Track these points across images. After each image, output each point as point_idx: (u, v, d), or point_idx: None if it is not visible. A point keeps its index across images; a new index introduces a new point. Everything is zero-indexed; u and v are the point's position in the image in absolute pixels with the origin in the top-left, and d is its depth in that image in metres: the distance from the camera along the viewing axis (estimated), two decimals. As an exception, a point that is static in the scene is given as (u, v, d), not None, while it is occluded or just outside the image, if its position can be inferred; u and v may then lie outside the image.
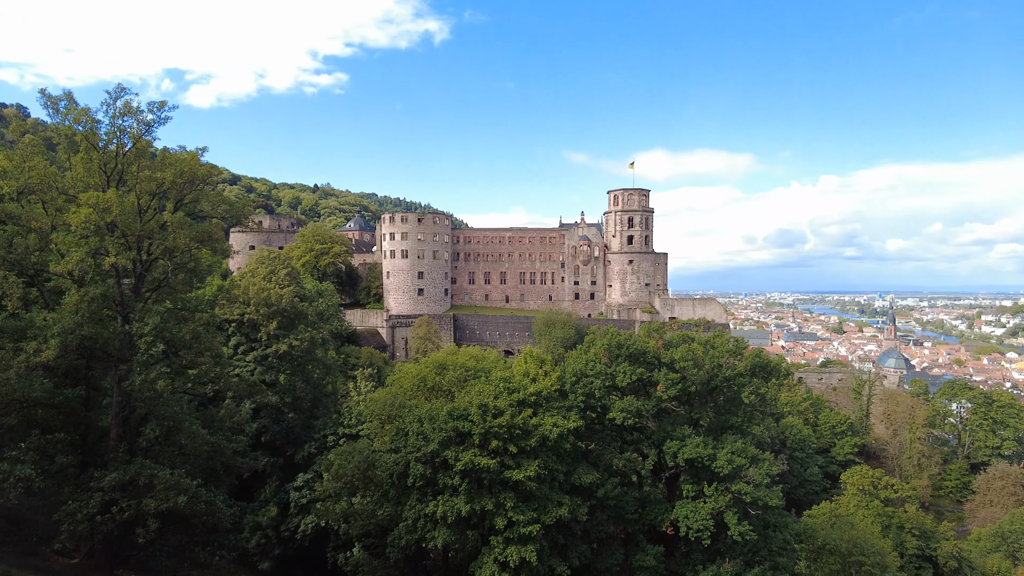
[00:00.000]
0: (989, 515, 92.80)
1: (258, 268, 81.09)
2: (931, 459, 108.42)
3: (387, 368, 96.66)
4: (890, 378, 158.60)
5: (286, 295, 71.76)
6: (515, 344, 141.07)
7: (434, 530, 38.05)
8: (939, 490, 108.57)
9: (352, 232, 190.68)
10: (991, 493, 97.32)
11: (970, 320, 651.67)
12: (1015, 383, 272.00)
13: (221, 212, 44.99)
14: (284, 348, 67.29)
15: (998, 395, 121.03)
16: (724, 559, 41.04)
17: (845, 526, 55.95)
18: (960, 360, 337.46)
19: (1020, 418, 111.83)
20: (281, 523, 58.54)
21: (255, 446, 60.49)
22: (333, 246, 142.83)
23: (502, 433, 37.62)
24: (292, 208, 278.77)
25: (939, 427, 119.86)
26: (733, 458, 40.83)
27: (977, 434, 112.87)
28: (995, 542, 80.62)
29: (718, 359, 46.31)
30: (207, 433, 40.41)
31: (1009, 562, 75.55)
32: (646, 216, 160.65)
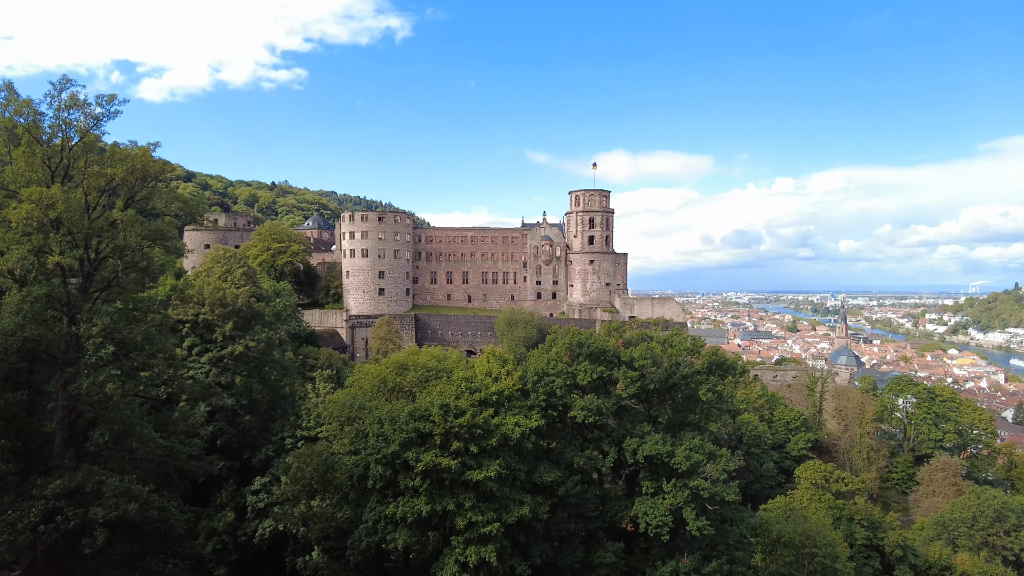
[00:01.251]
0: (932, 505, 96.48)
1: (213, 267, 79.10)
2: (879, 452, 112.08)
3: (347, 369, 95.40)
4: (842, 375, 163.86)
5: (242, 295, 70.20)
6: (477, 344, 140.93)
7: (395, 531, 37.76)
8: (886, 482, 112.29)
9: (311, 231, 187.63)
10: (933, 484, 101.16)
11: (915, 318, 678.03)
12: (956, 378, 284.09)
13: (175, 210, 43.71)
14: (240, 349, 65.81)
15: (940, 390, 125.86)
16: (683, 554, 41.76)
17: (799, 519, 57.38)
18: (906, 357, 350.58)
19: (960, 412, 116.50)
20: (238, 528, 57.25)
21: (211, 450, 59.13)
22: (291, 245, 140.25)
23: (463, 433, 37.54)
24: (249, 206, 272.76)
25: (887, 422, 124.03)
26: (691, 455, 41.55)
27: (921, 428, 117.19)
28: (937, 531, 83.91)
29: (676, 357, 47.06)
30: (160, 437, 39.29)
31: (949, 549, 78.72)
32: (606, 217, 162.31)
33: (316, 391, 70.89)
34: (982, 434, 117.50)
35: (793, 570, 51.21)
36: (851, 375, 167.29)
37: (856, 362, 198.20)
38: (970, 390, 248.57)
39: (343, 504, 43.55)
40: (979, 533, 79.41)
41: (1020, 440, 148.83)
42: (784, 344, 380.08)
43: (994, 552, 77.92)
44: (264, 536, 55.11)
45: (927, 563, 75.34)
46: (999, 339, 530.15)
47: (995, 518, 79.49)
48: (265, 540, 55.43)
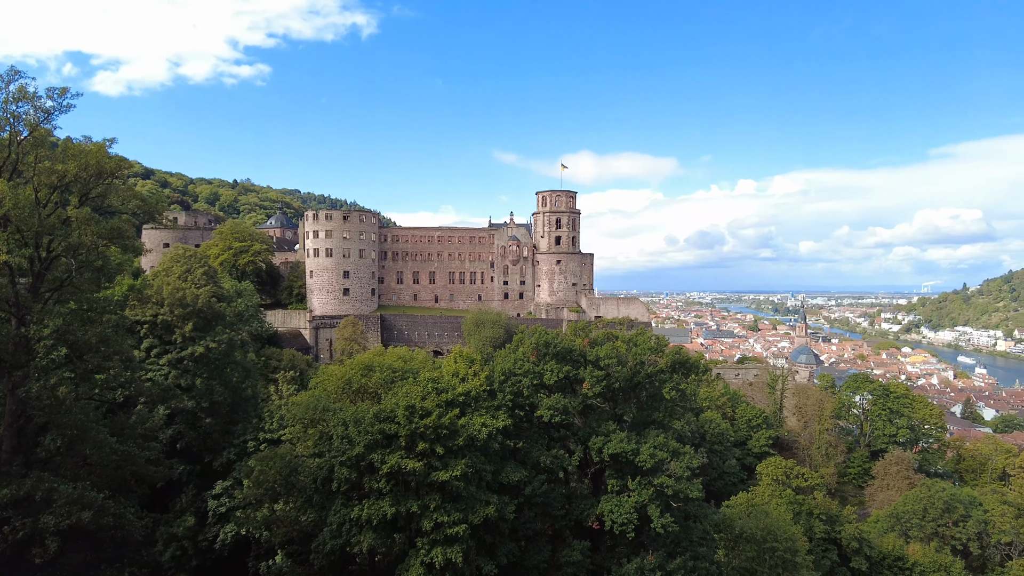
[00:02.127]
0: (886, 498, 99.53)
1: (173, 267, 77.21)
2: (837, 448, 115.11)
3: (311, 370, 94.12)
4: (801, 373, 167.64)
5: (203, 295, 68.70)
6: (444, 344, 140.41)
7: (360, 534, 37.40)
8: (844, 477, 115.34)
9: (274, 230, 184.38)
10: (888, 478, 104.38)
11: (872, 318, 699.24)
12: (909, 376, 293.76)
13: (132, 208, 42.52)
14: (201, 350, 64.38)
15: (894, 387, 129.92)
16: (648, 551, 42.22)
17: (760, 515, 58.47)
18: (863, 355, 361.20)
19: (913, 408, 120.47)
20: (198, 533, 56.02)
21: (170, 454, 57.81)
22: (253, 244, 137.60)
23: (429, 434, 37.36)
24: (210, 204, 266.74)
25: (844, 418, 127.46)
26: (655, 452, 42.08)
27: (876, 424, 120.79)
28: (891, 523, 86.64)
29: (641, 356, 47.61)
30: (116, 441, 38.18)
31: (902, 540, 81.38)
32: (573, 217, 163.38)
33: (279, 393, 69.83)
34: (933, 429, 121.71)
35: (755, 565, 52.20)
36: (810, 373, 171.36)
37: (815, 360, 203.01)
38: (922, 387, 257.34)
39: (307, 507, 42.95)
40: (929, 524, 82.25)
41: (967, 434, 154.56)
42: (746, 343, 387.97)
43: (943, 542, 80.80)
44: (226, 541, 54.06)
45: (881, 554, 77.79)
46: (948, 337, 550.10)
47: (944, 509, 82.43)
48: (227, 545, 54.39)
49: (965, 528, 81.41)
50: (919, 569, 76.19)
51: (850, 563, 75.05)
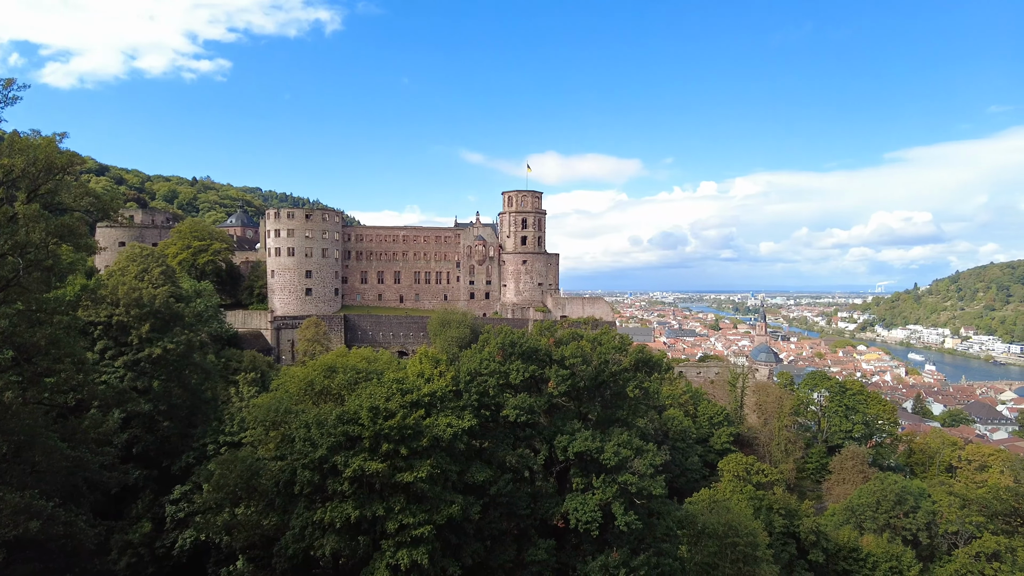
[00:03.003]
0: (842, 492, 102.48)
1: (129, 266, 75.01)
2: (796, 444, 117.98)
3: (272, 372, 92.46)
4: (761, 371, 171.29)
5: (160, 295, 66.91)
6: (410, 344, 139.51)
7: (323, 537, 36.92)
8: (802, 472, 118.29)
9: (234, 228, 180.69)
10: (844, 472, 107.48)
11: (829, 317, 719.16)
12: (864, 373, 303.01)
13: (85, 205, 41.14)
14: (158, 352, 62.68)
15: (850, 384, 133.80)
16: (612, 548, 42.66)
17: (722, 510, 59.64)
18: (820, 353, 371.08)
19: (867, 404, 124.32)
20: (155, 540, 54.50)
21: (125, 458, 56.17)
22: (213, 243, 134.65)
23: (393, 435, 37.08)
24: (168, 202, 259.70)
25: (802, 415, 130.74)
26: (619, 450, 42.55)
27: (833, 420, 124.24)
28: (846, 516, 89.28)
29: (605, 355, 48.12)
30: (67, 447, 36.89)
31: (856, 532, 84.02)
32: (539, 217, 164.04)
33: (240, 395, 68.44)
34: (886, 424, 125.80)
35: (717, 559, 53.24)
36: (770, 371, 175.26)
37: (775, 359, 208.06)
38: (876, 383, 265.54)
39: (269, 511, 42.24)
40: (882, 516, 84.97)
41: (918, 429, 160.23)
42: (707, 342, 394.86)
43: (895, 533, 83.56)
44: (184, 547, 52.74)
45: (837, 546, 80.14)
46: (901, 335, 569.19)
47: (896, 501, 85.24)
48: (185, 551, 53.06)
49: (915, 519, 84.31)
50: (872, 560, 78.75)
51: (808, 556, 77.09)
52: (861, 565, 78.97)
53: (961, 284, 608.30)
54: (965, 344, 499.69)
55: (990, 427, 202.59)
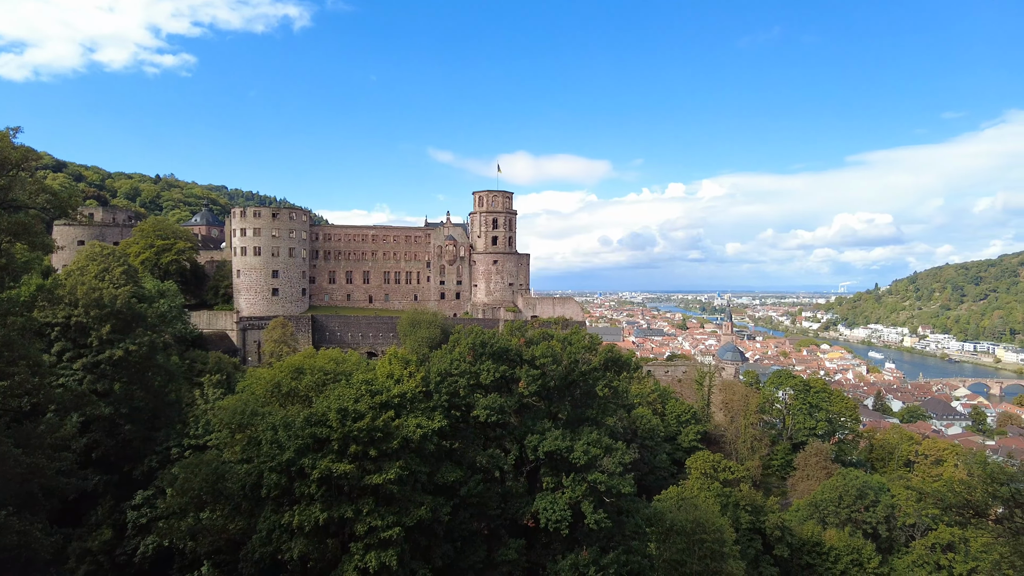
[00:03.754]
0: (806, 488, 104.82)
1: (88, 265, 73.00)
2: (761, 442, 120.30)
3: (238, 374, 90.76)
4: (727, 370, 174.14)
5: (122, 295, 65.22)
6: (379, 345, 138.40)
7: (290, 541, 36.43)
8: (768, 469, 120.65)
9: (199, 227, 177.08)
10: (808, 468, 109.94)
11: (793, 316, 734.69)
12: (827, 371, 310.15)
13: (41, 202, 39.89)
14: (119, 354, 61.08)
15: (814, 382, 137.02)
16: (582, 547, 42.93)
17: (690, 507, 60.43)
18: (785, 352, 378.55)
19: (830, 402, 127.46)
20: (116, 547, 53.15)
21: (84, 464, 54.70)
22: (177, 242, 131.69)
23: (362, 437, 36.76)
24: (130, 200, 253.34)
25: (768, 412, 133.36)
26: (589, 449, 42.84)
27: (797, 417, 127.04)
28: (810, 511, 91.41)
29: (575, 355, 48.40)
30: (22, 453, 35.74)
31: (820, 527, 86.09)
32: (510, 218, 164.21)
33: (205, 397, 67.12)
34: (848, 421, 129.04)
35: (685, 556, 53.92)
36: (736, 370, 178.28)
37: (741, 357, 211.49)
38: (839, 381, 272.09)
39: (235, 515, 41.50)
40: (844, 510, 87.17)
41: (878, 425, 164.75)
42: (675, 341, 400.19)
43: (856, 527, 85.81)
44: (146, 554, 51.54)
45: (801, 541, 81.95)
46: (862, 334, 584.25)
47: (857, 496, 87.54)
48: (148, 558, 51.86)
49: (875, 513, 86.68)
50: (834, 553, 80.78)
51: (773, 551, 78.69)
52: (824, 559, 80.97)
53: (919, 284, 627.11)
54: (923, 343, 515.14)
55: (945, 422, 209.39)
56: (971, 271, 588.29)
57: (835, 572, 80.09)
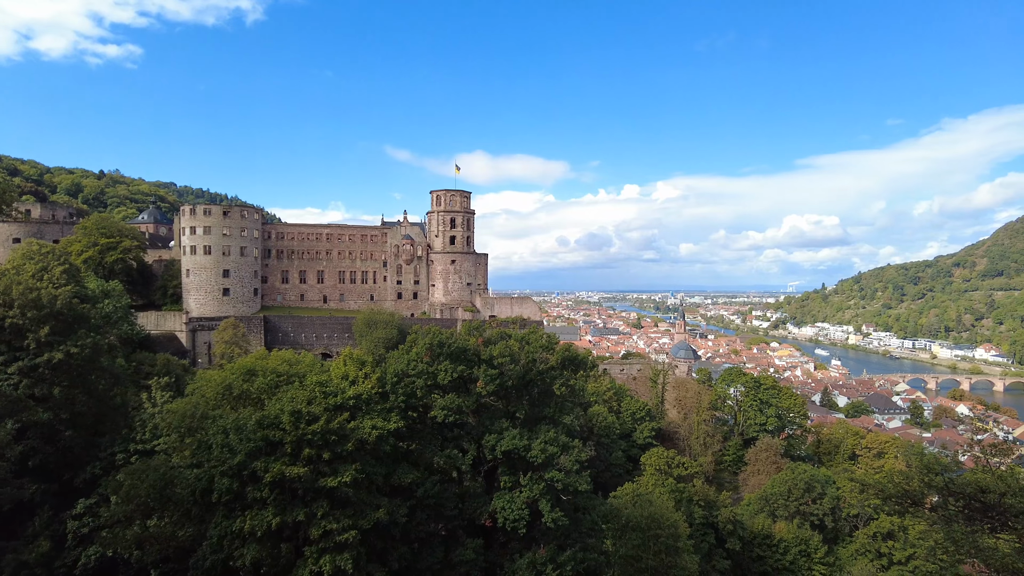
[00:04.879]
0: (757, 482, 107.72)
1: (25, 264, 69.89)
2: (714, 438, 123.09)
3: (187, 376, 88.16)
4: (681, 368, 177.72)
5: (62, 295, 62.55)
6: (334, 346, 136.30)
7: (243, 547, 35.56)
8: (720, 464, 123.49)
9: (146, 225, 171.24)
10: (759, 463, 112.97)
11: (744, 315, 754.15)
12: (777, 368, 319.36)
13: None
14: (59, 357, 58.52)
15: (764, 379, 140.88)
16: (539, 545, 43.17)
17: (645, 504, 61.27)
18: (736, 350, 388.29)
19: (780, 398, 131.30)
20: (55, 559, 50.90)
21: (20, 472, 52.27)
22: (122, 240, 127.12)
23: (316, 440, 36.18)
24: (71, 196, 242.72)
25: (720, 409, 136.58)
26: (546, 447, 43.08)
27: (748, 413, 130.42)
28: (761, 504, 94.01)
29: (533, 354, 48.63)
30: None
31: (770, 520, 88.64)
32: (468, 217, 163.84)
33: (152, 400, 64.95)
34: (796, 417, 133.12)
35: (641, 552, 54.66)
36: (689, 367, 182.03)
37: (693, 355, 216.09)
38: (788, 378, 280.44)
39: (184, 521, 40.31)
40: (793, 503, 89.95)
41: (825, 420, 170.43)
42: (630, 340, 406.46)
43: (804, 519, 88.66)
44: (88, 565, 49.53)
45: (752, 534, 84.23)
46: (810, 333, 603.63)
47: (805, 489, 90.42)
48: (90, 569, 49.83)
49: (822, 505, 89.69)
50: (784, 545, 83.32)
51: (726, 544, 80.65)
52: (774, 551, 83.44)
53: (863, 284, 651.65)
54: (866, 340, 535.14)
55: (887, 416, 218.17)
56: (910, 271, 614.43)
57: (784, 563, 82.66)
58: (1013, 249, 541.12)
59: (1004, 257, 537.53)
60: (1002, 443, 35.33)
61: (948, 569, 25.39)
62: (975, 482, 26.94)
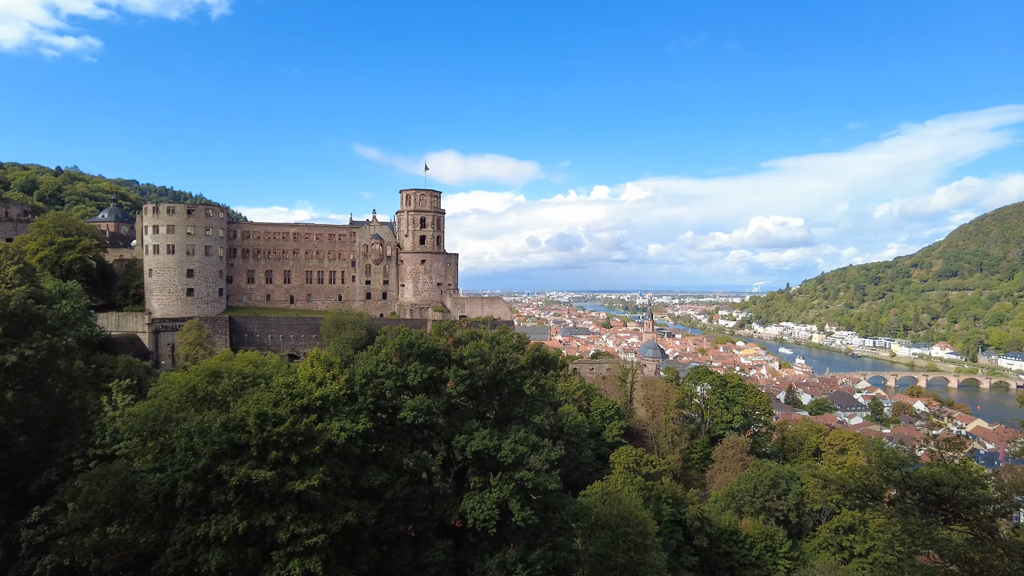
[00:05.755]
0: (724, 479, 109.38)
1: (-24, 264, 67.31)
2: (682, 436, 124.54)
3: (150, 378, 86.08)
4: (649, 367, 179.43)
5: (16, 296, 60.44)
6: (301, 347, 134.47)
7: (207, 552, 34.85)
8: (688, 462, 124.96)
9: (107, 224, 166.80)
10: (725, 460, 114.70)
11: (711, 315, 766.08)
12: (742, 367, 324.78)
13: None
14: (13, 359, 56.50)
15: (730, 377, 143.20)
16: (509, 545, 43.19)
17: (614, 502, 61.70)
18: (703, 349, 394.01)
19: (746, 396, 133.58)
20: (8, 568, 49.20)
21: (-30, 480, 50.41)
22: (81, 239, 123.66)
23: (283, 442, 35.63)
24: (26, 193, 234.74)
25: (688, 407, 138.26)
26: (516, 447, 43.12)
27: (715, 411, 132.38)
28: (727, 501, 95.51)
29: (503, 354, 48.65)
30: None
31: (736, 516, 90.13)
32: (438, 217, 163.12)
33: (113, 404, 63.25)
34: (762, 415, 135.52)
35: (610, 550, 55.06)
36: (657, 366, 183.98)
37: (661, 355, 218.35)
38: (753, 377, 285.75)
39: (146, 527, 39.32)
40: (759, 500, 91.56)
41: (789, 418, 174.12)
42: (600, 339, 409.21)
43: (769, 514, 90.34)
44: (44, 574, 48.02)
45: (719, 531, 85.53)
46: (775, 332, 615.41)
47: (770, 486, 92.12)
48: (46, 578, 48.33)
49: (786, 500, 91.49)
50: (750, 541, 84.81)
51: (693, 541, 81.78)
52: (740, 546, 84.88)
53: (826, 284, 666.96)
54: (829, 339, 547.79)
55: (848, 413, 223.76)
56: (871, 272, 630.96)
57: (750, 558, 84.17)
58: (966, 251, 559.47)
59: (958, 258, 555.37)
60: (955, 438, 36.52)
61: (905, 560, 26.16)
62: (930, 476, 27.78)
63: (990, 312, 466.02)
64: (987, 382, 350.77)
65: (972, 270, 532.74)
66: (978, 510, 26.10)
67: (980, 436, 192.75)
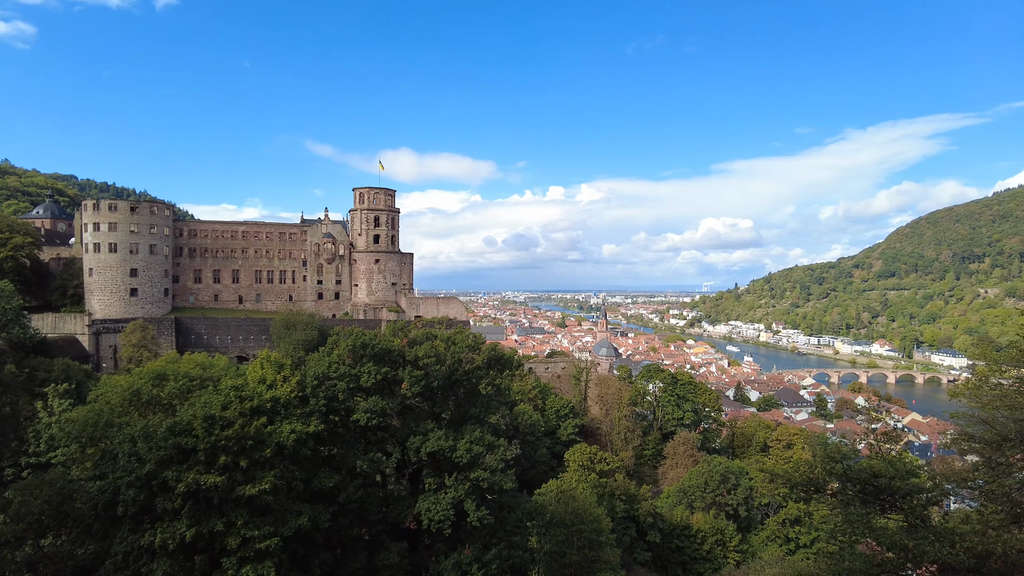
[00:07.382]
0: (675, 475, 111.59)
1: None
2: (634, 433, 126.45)
3: (90, 382, 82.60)
4: (603, 365, 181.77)
5: (-59, 297, 57.32)
6: (250, 349, 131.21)
7: (152, 562, 33.59)
8: (640, 458, 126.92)
9: (42, 220, 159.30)
10: (677, 456, 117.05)
11: (662, 314, 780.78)
12: (693, 365, 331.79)
13: None
14: (-62, 364, 53.65)
15: (681, 376, 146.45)
16: (465, 545, 43.10)
17: (568, 499, 62.24)
18: (655, 348, 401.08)
19: (696, 393, 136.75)
20: (-68, 586, 46.56)
21: None
22: (13, 236, 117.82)
23: (231, 446, 34.66)
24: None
25: (640, 405, 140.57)
26: (472, 447, 43.06)
27: (667, 408, 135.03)
28: (679, 497, 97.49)
29: (459, 354, 48.49)
30: None
31: (688, 511, 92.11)
32: (392, 216, 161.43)
33: (49, 409, 60.58)
34: (712, 411, 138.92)
35: (565, 547, 55.53)
36: (610, 365, 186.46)
37: (615, 353, 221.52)
38: (703, 375, 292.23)
39: (85, 538, 37.68)
40: (709, 495, 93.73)
41: (738, 414, 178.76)
42: (555, 339, 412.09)
43: (719, 509, 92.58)
44: (-28, 590, 45.60)
45: (671, 526, 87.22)
46: (724, 330, 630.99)
47: (720, 481, 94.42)
48: (-27, 595, 45.88)
49: (736, 495, 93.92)
50: (701, 535, 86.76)
51: (646, 537, 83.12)
52: (692, 541, 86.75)
53: (773, 284, 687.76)
54: (776, 337, 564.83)
55: (795, 409, 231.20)
56: (816, 272, 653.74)
57: (702, 552, 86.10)
58: (903, 252, 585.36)
59: (896, 260, 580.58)
60: (892, 431, 38.26)
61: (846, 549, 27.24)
62: (869, 468, 28.95)
63: (924, 311, 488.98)
64: (921, 377, 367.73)
65: (908, 271, 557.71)
66: (912, 499, 27.32)
67: (915, 429, 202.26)
